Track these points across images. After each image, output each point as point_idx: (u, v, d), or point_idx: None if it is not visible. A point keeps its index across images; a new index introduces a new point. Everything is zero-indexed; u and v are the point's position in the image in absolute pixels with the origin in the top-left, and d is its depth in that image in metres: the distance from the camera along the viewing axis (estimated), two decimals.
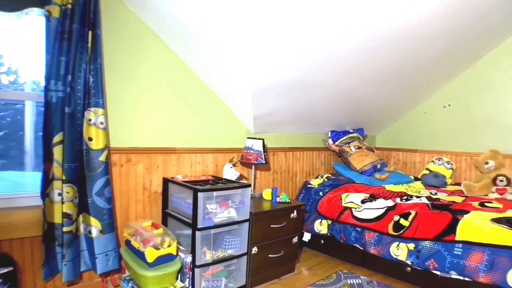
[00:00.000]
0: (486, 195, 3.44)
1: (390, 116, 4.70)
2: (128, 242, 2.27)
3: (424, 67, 3.66)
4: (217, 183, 2.59)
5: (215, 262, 2.35)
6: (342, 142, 4.11)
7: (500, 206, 2.94)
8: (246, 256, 2.53)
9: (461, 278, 2.40)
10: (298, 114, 3.50)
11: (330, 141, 4.11)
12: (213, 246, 2.37)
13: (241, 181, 2.90)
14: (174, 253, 2.14)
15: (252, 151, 3.02)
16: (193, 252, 2.27)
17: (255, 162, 3.00)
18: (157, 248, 2.05)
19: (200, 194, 2.24)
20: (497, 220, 2.52)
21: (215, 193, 2.34)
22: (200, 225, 2.25)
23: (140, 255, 2.08)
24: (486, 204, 3.03)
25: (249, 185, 2.57)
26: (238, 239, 2.49)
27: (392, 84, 3.78)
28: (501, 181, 3.41)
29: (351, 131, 4.28)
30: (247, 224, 2.52)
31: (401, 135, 4.83)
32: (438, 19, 2.79)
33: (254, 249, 2.57)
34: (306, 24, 2.35)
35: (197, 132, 2.89)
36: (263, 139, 3.04)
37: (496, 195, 3.38)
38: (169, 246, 2.10)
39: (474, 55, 3.99)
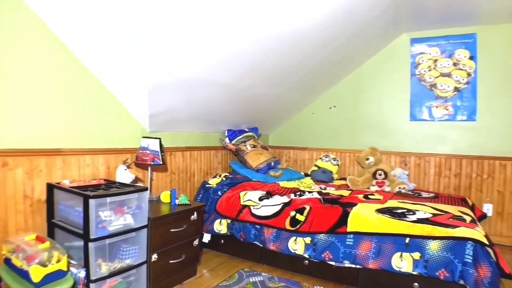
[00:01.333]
0: (368, 188, 3.81)
1: (282, 116, 4.92)
2: (7, 261, 1.90)
3: (314, 70, 3.90)
4: (110, 187, 2.34)
5: (112, 275, 2.13)
6: (238, 141, 4.14)
7: (381, 197, 3.29)
8: (145, 265, 2.35)
9: (354, 266, 2.61)
10: (196, 113, 3.41)
11: (227, 140, 4.10)
12: (109, 257, 2.14)
13: (137, 184, 2.69)
14: (65, 269, 1.86)
15: (148, 151, 2.83)
16: (86, 265, 2.01)
17: (152, 163, 2.81)
18: (44, 265, 1.76)
19: (91, 201, 2.00)
20: (380, 211, 2.81)
21: (108, 199, 2.12)
22: (93, 235, 2.01)
23: (24, 275, 1.76)
24: (369, 196, 3.35)
25: (146, 188, 2.40)
26: (136, 247, 2.30)
27: (285, 85, 3.94)
28: (380, 175, 3.82)
29: (247, 130, 4.34)
30: (145, 230, 2.35)
31: (292, 134, 5.09)
32: (330, 25, 3.00)
33: (154, 257, 2.41)
34: (203, 23, 2.29)
35: (86, 131, 2.57)
36: (159, 139, 2.87)
37: (376, 188, 3.77)
38: (58, 261, 1.82)
39: (357, 61, 4.42)
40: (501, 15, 3.56)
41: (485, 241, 2.26)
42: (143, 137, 2.91)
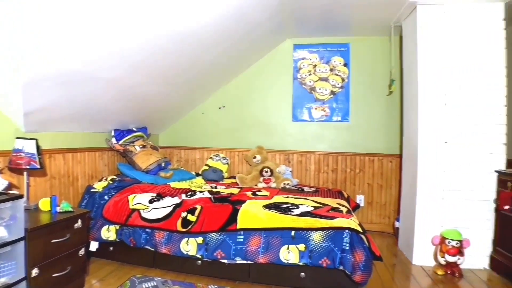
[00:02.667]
0: (256, 185, 4.03)
1: (172, 115, 4.86)
2: None
3: (204, 70, 3.96)
4: None
5: None
6: (126, 141, 3.96)
7: (267, 193, 3.51)
8: (25, 281, 2.10)
9: (245, 262, 2.73)
10: (79, 111, 3.16)
11: (114, 140, 3.89)
12: None
13: (10, 191, 2.38)
14: None
15: (23, 154, 2.54)
16: None
17: (27, 167, 2.53)
18: None
19: None
20: (267, 206, 3.00)
21: None
22: None
23: None
24: (257, 193, 3.54)
25: (21, 196, 2.16)
26: (12, 263, 2.05)
27: (175, 84, 3.92)
28: (266, 172, 4.06)
29: (135, 130, 4.18)
30: (22, 243, 2.10)
31: (182, 133, 5.08)
32: (220, 27, 3.12)
33: (35, 271, 2.16)
34: (87, 16, 2.17)
35: None
36: (36, 139, 2.61)
37: (264, 184, 4.00)
38: None
39: (245, 63, 4.62)
40: (369, 28, 4.15)
41: (359, 229, 2.60)
42: (17, 137, 2.60)
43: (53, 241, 2.33)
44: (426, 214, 3.28)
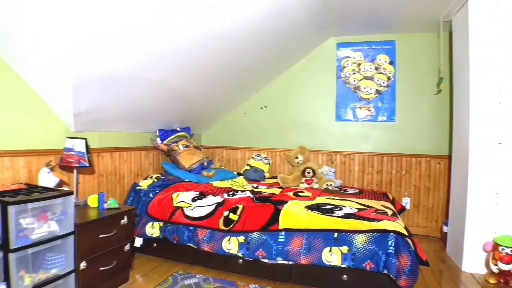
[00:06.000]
0: (298, 186, 3.97)
1: (215, 116, 4.92)
2: None
3: (245, 71, 3.96)
4: (32, 192, 2.15)
5: (37, 287, 1.96)
6: (170, 141, 4.05)
7: (310, 194, 3.44)
8: (74, 274, 2.20)
9: (286, 262, 2.70)
10: (125, 111, 3.27)
11: (159, 140, 3.99)
12: (33, 268, 1.97)
13: (61, 188, 2.50)
14: None
15: (73, 153, 2.66)
16: (7, 279, 1.84)
17: (77, 165, 2.65)
18: None
19: (10, 208, 1.84)
20: (310, 207, 2.94)
21: (30, 205, 1.96)
22: (13, 245, 1.84)
23: None
24: (299, 193, 3.49)
25: (71, 193, 2.25)
26: (62, 256, 2.15)
27: (217, 85, 3.95)
28: (308, 172, 3.99)
29: (179, 129, 4.27)
30: (72, 237, 2.20)
31: (224, 133, 5.12)
32: (260, 27, 3.09)
33: (83, 264, 2.27)
34: (135, 17, 2.22)
35: (4, 131, 2.32)
36: (85, 139, 2.72)
37: (305, 185, 3.94)
38: None
39: (287, 63, 4.58)
40: (417, 25, 3.95)
41: (405, 232, 2.48)
42: (68, 137, 2.73)
43: (100, 236, 2.43)
44: (478, 218, 3.05)
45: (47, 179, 2.46)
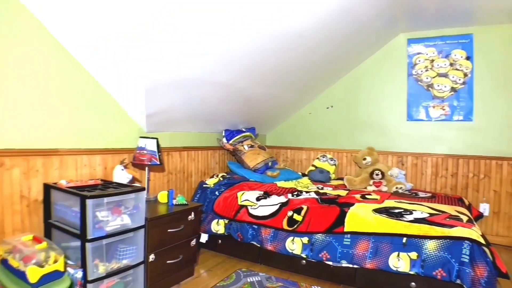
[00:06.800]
0: (365, 188, 3.82)
1: (280, 116, 4.92)
2: (4, 261, 1.89)
3: (312, 70, 3.90)
4: (107, 187, 2.33)
5: (109, 275, 2.12)
6: (235, 141, 4.14)
7: (378, 197, 3.29)
8: (143, 265, 2.34)
9: (351, 266, 2.61)
10: (193, 113, 3.41)
11: (224, 140, 4.10)
12: (106, 257, 2.13)
13: (134, 184, 2.68)
14: (62, 270, 1.85)
15: (145, 152, 2.82)
16: (84, 266, 2.01)
17: (149, 163, 2.81)
18: (41, 266, 1.75)
19: (88, 201, 2.00)
20: (377, 211, 2.81)
21: (105, 199, 2.11)
22: (90, 235, 2.01)
23: (21, 275, 1.75)
24: (366, 196, 3.35)
25: (143, 189, 2.39)
26: (133, 248, 2.30)
27: (282, 85, 3.95)
28: (377, 174, 3.82)
29: (244, 130, 4.34)
30: (142, 231, 2.34)
31: (289, 134, 5.10)
32: (327, 25, 3.01)
33: (152, 257, 2.40)
34: (201, 21, 2.29)
35: (83, 131, 2.56)
36: (157, 139, 2.88)
37: (374, 188, 3.77)
38: (55, 262, 1.81)
39: (355, 61, 4.43)
40: (498, 15, 3.57)
41: (482, 240, 2.26)
42: (140, 137, 2.91)
43: (169, 230, 2.55)
44: None
45: (121, 175, 2.65)
